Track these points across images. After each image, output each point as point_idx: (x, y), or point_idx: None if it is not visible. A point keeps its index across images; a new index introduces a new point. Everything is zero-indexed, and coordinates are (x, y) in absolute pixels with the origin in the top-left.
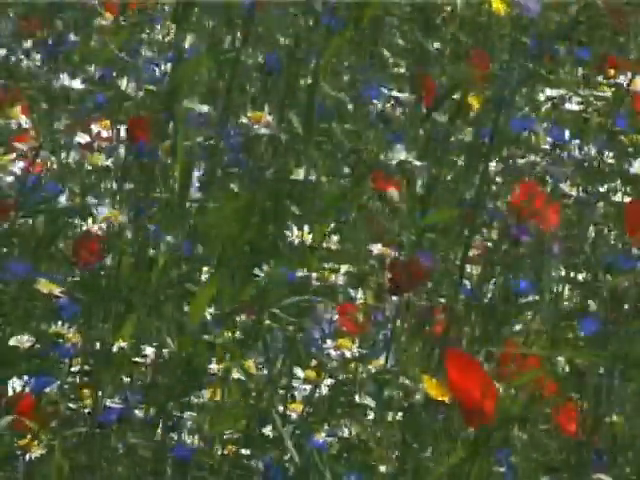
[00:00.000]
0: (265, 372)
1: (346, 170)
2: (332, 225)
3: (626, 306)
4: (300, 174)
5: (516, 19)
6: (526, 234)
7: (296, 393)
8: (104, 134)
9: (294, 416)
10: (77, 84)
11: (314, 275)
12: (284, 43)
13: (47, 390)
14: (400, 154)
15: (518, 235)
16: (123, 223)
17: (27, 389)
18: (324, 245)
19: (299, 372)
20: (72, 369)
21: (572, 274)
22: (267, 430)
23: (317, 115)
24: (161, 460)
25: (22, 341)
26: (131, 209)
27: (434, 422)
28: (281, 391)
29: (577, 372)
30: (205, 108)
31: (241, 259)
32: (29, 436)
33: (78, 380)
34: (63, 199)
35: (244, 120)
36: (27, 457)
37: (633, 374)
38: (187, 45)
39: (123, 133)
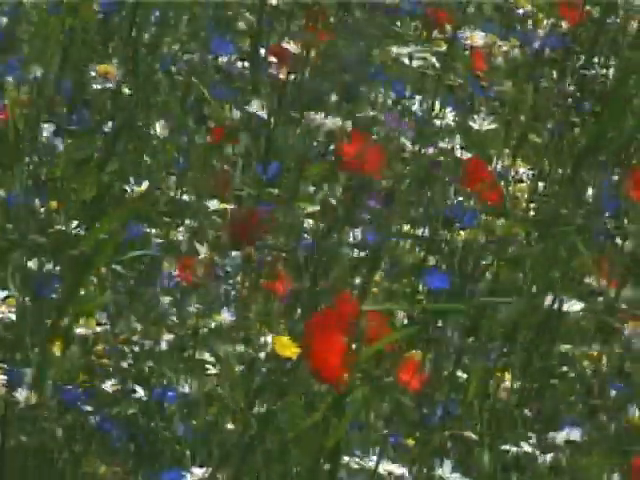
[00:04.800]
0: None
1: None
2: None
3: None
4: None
5: None
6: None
7: (137, 348)
8: None
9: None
10: None
11: (154, 230)
12: None
13: None
14: None
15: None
16: None
17: None
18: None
19: (138, 327)
20: None
21: (412, 229)
22: (107, 385)
23: None
24: None
25: None
26: None
27: (279, 377)
28: (121, 346)
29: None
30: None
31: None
32: None
33: None
34: None
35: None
36: None
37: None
38: None
39: None
